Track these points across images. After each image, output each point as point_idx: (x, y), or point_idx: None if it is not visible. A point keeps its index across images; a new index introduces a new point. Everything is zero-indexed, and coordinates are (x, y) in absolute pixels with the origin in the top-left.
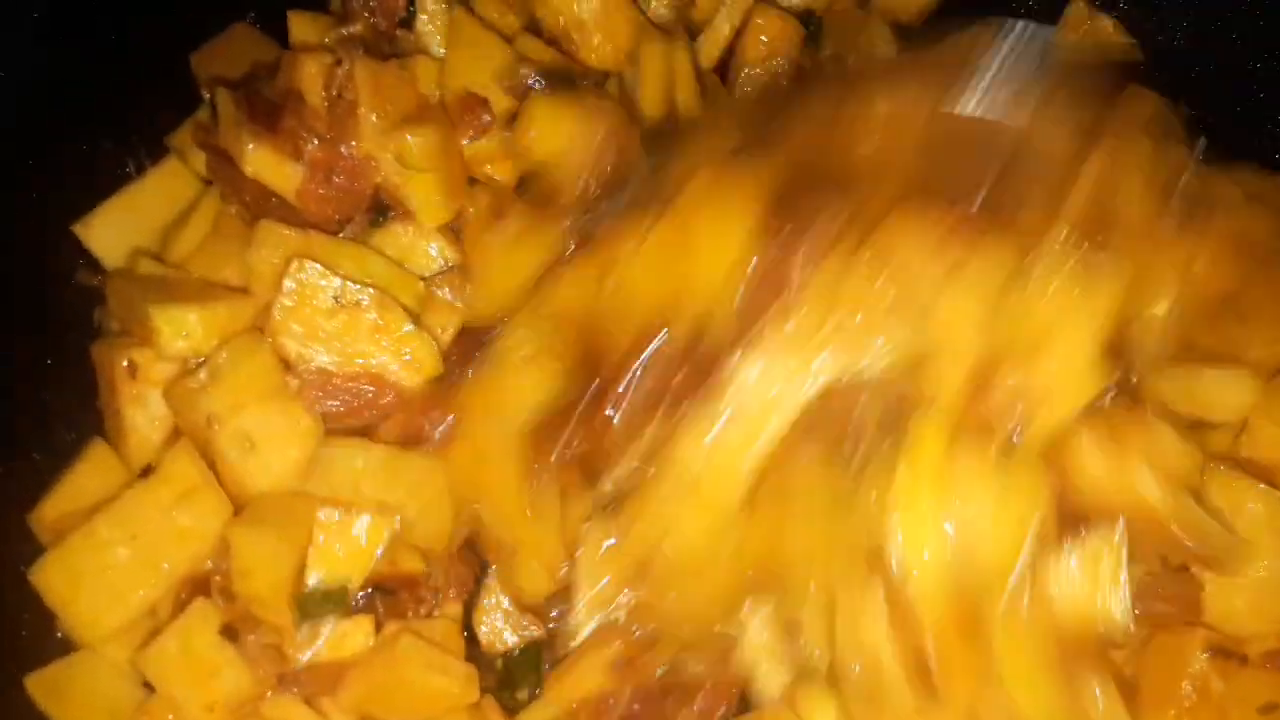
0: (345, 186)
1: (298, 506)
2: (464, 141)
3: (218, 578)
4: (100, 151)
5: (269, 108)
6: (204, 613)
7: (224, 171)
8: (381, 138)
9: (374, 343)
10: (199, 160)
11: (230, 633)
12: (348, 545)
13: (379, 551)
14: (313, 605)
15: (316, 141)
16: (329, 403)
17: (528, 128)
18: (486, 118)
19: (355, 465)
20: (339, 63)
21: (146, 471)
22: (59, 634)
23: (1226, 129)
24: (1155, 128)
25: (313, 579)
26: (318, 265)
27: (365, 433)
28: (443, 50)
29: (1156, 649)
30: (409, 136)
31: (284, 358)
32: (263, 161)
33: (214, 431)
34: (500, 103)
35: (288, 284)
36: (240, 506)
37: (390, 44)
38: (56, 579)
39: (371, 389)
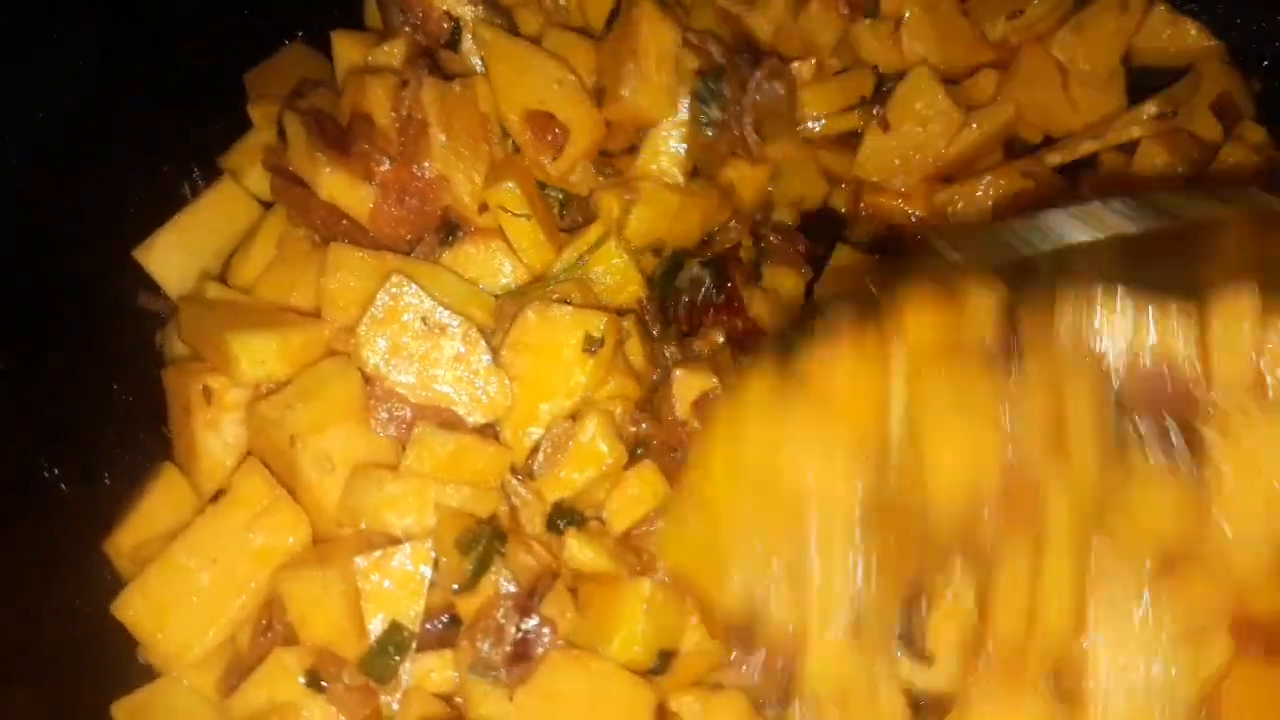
0: (417, 207)
1: (339, 547)
2: (546, 162)
3: (279, 627)
4: (156, 174)
5: (338, 130)
6: (284, 662)
7: (292, 194)
8: (457, 161)
9: (452, 370)
10: (254, 181)
11: (315, 678)
12: (395, 578)
13: (428, 573)
14: (377, 665)
15: (388, 163)
16: (389, 430)
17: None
18: (557, 130)
19: (384, 492)
20: (404, 84)
21: (217, 495)
22: (140, 660)
23: None
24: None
25: (374, 625)
26: (413, 286)
27: None
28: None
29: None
30: (508, 184)
31: (363, 371)
32: (337, 185)
33: (296, 451)
34: (562, 112)
35: (382, 297)
36: (315, 525)
37: (435, 64)
38: (141, 610)
39: None
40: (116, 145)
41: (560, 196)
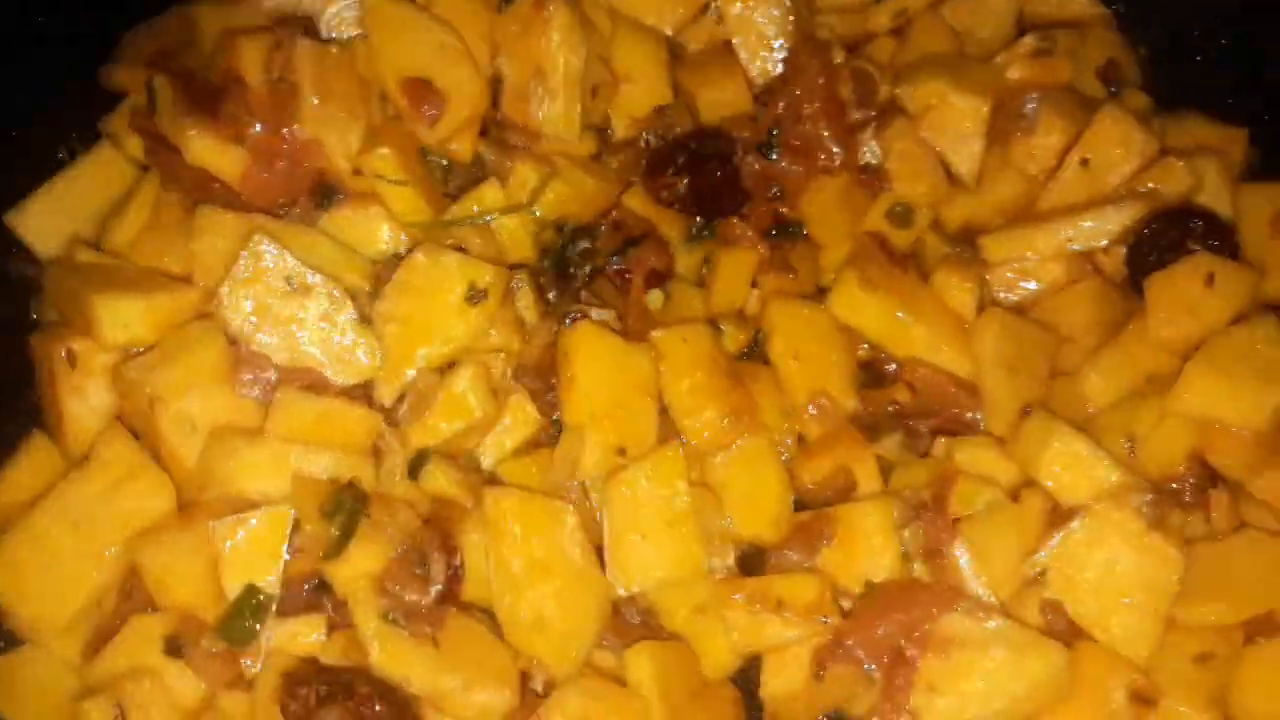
0: (287, 170)
1: (201, 511)
2: (422, 130)
3: (141, 593)
4: (31, 138)
5: (208, 92)
6: (143, 628)
7: (163, 158)
8: (330, 124)
9: (317, 330)
10: (133, 145)
11: (174, 644)
12: (251, 542)
13: (286, 536)
14: (233, 628)
15: (259, 126)
16: (254, 392)
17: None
18: (435, 99)
19: (239, 457)
20: (278, 45)
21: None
22: (4, 626)
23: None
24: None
25: (232, 588)
26: (274, 245)
27: None
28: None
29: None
30: (382, 151)
31: (227, 333)
32: (205, 147)
33: (156, 414)
34: (442, 79)
35: (243, 258)
36: (180, 489)
37: (310, 26)
38: (1, 577)
39: None
40: None
41: (444, 163)
